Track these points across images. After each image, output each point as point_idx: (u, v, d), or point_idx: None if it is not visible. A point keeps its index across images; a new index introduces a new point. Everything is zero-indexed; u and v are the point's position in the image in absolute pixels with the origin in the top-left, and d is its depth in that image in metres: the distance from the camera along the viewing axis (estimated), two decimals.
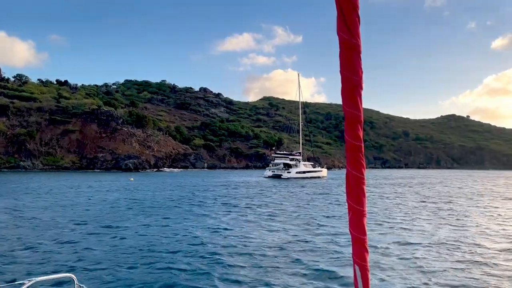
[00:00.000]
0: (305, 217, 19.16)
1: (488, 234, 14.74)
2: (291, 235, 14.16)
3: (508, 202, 28.36)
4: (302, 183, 49.90)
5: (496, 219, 19.17)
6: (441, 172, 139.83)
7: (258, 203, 25.44)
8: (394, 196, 32.88)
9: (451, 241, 13.05)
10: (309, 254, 11.21)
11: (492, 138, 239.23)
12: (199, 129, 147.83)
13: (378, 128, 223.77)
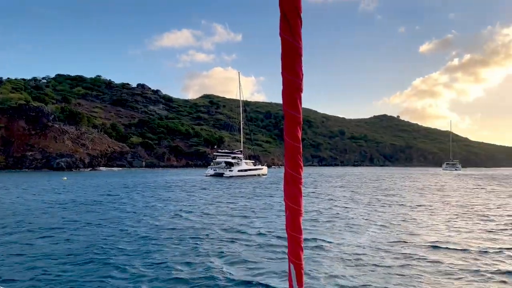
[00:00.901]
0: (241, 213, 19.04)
1: (428, 229, 15.46)
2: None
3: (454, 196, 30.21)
4: (244, 181, 49.96)
5: (434, 214, 20.24)
6: (374, 169, 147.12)
7: (204, 201, 24.93)
8: (329, 193, 33.83)
9: (386, 237, 13.50)
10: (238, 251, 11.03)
11: (419, 137, 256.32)
12: (136, 126, 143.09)
13: (315, 127, 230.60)
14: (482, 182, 54.45)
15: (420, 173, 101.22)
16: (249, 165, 69.55)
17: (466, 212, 20.42)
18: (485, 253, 11.10)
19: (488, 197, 30.01)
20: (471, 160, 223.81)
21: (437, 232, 14.30)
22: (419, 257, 10.44)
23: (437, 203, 25.33)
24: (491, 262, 10.09)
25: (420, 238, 13.15)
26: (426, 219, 17.73)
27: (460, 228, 15.24)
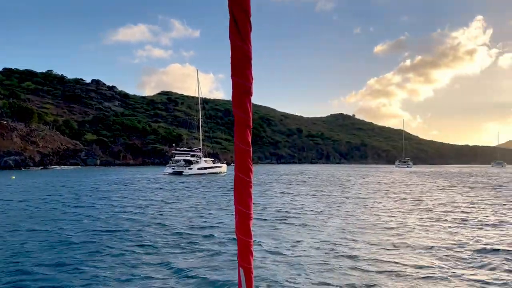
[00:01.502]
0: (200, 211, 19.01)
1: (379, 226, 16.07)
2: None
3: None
4: (203, 179, 49.68)
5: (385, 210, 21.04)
6: (330, 166, 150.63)
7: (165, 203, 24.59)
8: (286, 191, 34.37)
9: (340, 237, 13.89)
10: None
11: (374, 135, 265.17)
12: (91, 123, 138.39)
13: (274, 125, 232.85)
14: (440, 181, 57.07)
15: (374, 170, 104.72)
16: (208, 163, 69.20)
17: (417, 208, 21.42)
18: (440, 253, 11.69)
19: (444, 194, 31.57)
20: (421, 158, 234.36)
21: (391, 231, 14.87)
22: (378, 257, 10.83)
23: (390, 199, 26.38)
24: (442, 264, 10.65)
25: (375, 237, 13.62)
26: (381, 217, 18.40)
27: (412, 225, 15.96)
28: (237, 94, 1.26)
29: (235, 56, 1.23)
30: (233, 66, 1.24)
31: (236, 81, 1.25)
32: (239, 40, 1.22)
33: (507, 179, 55.73)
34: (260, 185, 39.65)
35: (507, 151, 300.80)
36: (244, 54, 1.23)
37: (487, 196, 29.45)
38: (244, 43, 1.23)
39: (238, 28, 1.21)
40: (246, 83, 1.25)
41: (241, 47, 1.22)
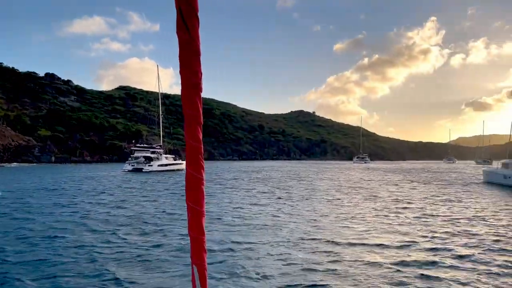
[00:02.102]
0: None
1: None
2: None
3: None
4: (164, 176, 48.90)
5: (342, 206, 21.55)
6: (290, 163, 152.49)
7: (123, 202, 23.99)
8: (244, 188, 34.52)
9: (299, 234, 14.09)
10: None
11: (333, 132, 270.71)
12: (45, 119, 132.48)
13: (236, 121, 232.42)
14: (398, 177, 58.89)
15: (332, 166, 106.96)
16: (169, 160, 68.26)
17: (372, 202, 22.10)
18: (393, 247, 12.10)
19: (405, 190, 32.69)
20: (379, 154, 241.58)
21: (350, 227, 15.25)
22: (338, 253, 11.05)
23: (346, 195, 27.06)
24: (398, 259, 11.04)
25: (334, 233, 13.92)
26: (339, 213, 18.83)
27: (367, 220, 16.44)
28: (186, 90, 1.24)
29: (183, 51, 1.21)
30: (181, 61, 1.22)
31: (185, 77, 1.23)
32: (186, 35, 1.20)
33: (456, 174, 58.50)
34: (213, 181, 39.54)
35: (458, 148, 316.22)
36: (192, 49, 1.21)
37: (438, 191, 30.83)
38: (191, 38, 1.21)
39: (185, 23, 1.20)
40: (195, 79, 1.23)
41: (189, 42, 1.21)
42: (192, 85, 1.23)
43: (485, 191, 30.09)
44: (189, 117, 1.25)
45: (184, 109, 1.25)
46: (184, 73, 1.23)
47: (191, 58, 1.22)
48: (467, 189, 31.85)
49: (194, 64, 1.22)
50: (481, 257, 10.23)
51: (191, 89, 1.24)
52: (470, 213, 18.29)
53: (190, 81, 1.23)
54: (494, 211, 18.83)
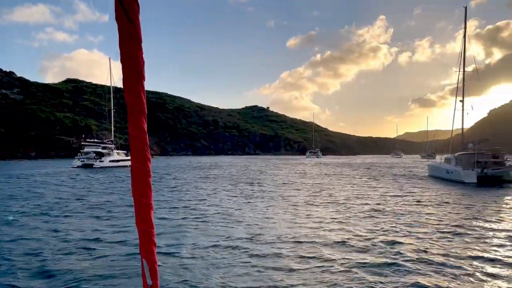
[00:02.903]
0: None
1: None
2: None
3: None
4: (116, 172, 47.59)
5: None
6: (245, 158, 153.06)
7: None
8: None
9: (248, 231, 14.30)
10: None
11: (287, 127, 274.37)
12: None
13: (190, 116, 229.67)
14: (349, 171, 60.54)
15: (285, 161, 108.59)
16: (121, 155, 66.46)
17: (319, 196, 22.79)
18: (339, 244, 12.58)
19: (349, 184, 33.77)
20: (330, 148, 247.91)
21: (298, 225, 15.64)
22: (281, 252, 11.31)
23: (298, 191, 27.69)
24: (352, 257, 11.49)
25: (282, 231, 14.22)
26: (290, 209, 19.24)
27: (320, 217, 16.94)
28: (128, 78, 1.20)
29: (124, 38, 1.18)
30: (121, 49, 1.19)
31: (126, 65, 1.20)
32: (126, 21, 1.17)
33: (403, 169, 61.37)
34: (163, 177, 39.10)
35: (405, 142, 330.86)
36: (133, 35, 1.18)
37: (386, 185, 32.25)
38: (132, 24, 1.17)
39: (125, 8, 1.16)
40: (137, 67, 1.20)
41: (129, 28, 1.17)
42: (134, 73, 1.19)
43: (431, 185, 31.80)
44: (132, 106, 1.22)
45: (127, 98, 1.22)
46: (125, 61, 1.19)
47: (132, 45, 1.18)
48: (414, 183, 33.52)
49: (135, 52, 1.19)
50: (428, 249, 10.91)
51: (133, 77, 1.20)
52: (423, 208, 19.34)
53: (132, 69, 1.19)
54: (439, 204, 20.05)
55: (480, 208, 17.85)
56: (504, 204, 19.40)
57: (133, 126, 1.23)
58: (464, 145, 38.11)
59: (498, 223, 14.29)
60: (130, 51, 1.19)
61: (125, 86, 1.21)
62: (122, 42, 1.19)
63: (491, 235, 12.14)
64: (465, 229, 13.02)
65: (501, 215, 16.12)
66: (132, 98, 1.21)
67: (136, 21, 1.18)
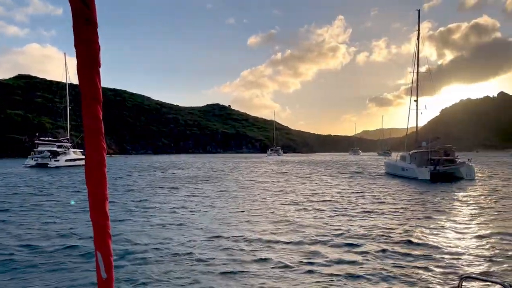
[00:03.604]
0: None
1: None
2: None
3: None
4: (73, 171, 45.98)
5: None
6: (207, 156, 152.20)
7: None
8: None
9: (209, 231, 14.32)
10: None
11: (248, 125, 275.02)
12: None
13: (150, 114, 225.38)
14: (309, 169, 61.37)
15: (247, 159, 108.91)
16: (77, 154, 64.30)
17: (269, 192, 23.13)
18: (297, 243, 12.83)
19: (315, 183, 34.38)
20: (291, 147, 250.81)
21: (255, 224, 15.81)
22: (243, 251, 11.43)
23: (260, 189, 27.95)
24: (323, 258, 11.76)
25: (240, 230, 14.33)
26: (250, 209, 19.41)
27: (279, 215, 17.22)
28: (82, 64, 1.16)
29: (77, 21, 1.12)
30: (75, 33, 1.13)
31: (80, 50, 1.14)
32: (79, 4, 1.10)
33: (361, 167, 63.16)
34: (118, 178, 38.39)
35: (362, 140, 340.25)
36: (88, 18, 1.12)
37: (346, 182, 33.12)
38: (86, 6, 1.11)
39: None
40: (91, 52, 1.15)
41: (82, 10, 1.11)
42: (89, 58, 1.15)
43: (387, 182, 32.95)
44: (86, 93, 1.17)
45: (81, 85, 1.16)
46: (79, 47, 1.14)
47: (86, 29, 1.12)
48: (371, 181, 34.61)
49: (90, 36, 1.13)
50: (386, 242, 11.37)
51: (87, 63, 1.15)
52: (380, 205, 20.02)
53: (86, 54, 1.14)
54: (395, 200, 20.88)
55: (431, 204, 18.77)
56: (453, 199, 20.48)
57: (88, 114, 1.18)
58: (418, 143, 39.74)
59: (448, 216, 15.09)
60: (84, 35, 1.13)
61: (80, 73, 1.16)
62: (76, 26, 1.13)
63: (441, 227, 12.82)
64: (417, 223, 13.66)
65: (451, 209, 17.03)
66: (87, 85, 1.16)
67: (92, 3, 1.12)
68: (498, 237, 11.41)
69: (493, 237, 11.51)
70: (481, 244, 10.62)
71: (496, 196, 21.86)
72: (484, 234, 11.92)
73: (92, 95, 1.18)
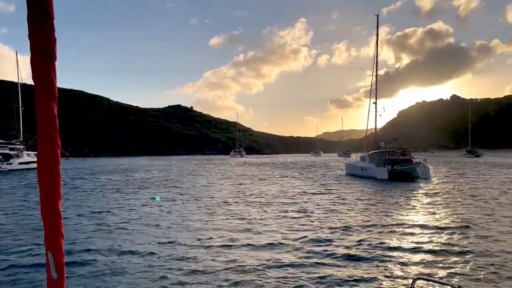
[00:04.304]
0: None
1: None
2: None
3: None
4: (27, 175, 43.96)
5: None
6: (170, 158, 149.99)
7: None
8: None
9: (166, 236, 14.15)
10: None
11: (211, 127, 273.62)
12: None
13: (109, 115, 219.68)
14: (272, 171, 61.73)
15: (209, 162, 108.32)
16: (32, 157, 61.54)
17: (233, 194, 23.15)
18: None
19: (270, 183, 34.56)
20: (254, 148, 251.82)
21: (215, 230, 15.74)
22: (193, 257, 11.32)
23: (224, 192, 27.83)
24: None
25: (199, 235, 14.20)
26: (212, 212, 19.29)
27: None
28: (36, 57, 1.11)
29: (32, 12, 1.07)
30: (30, 24, 1.08)
31: (35, 42, 1.10)
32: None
33: (323, 168, 64.26)
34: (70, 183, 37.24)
35: (324, 142, 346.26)
36: (43, 9, 1.07)
37: (309, 183, 33.57)
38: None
39: None
40: (47, 44, 1.10)
41: (39, 1, 1.07)
42: (44, 51, 1.10)
43: (347, 182, 33.66)
44: (41, 88, 1.12)
45: (35, 79, 1.11)
46: (34, 38, 1.09)
47: (41, 19, 1.07)
48: (332, 181, 35.26)
49: (45, 27, 1.08)
50: (347, 240, 11.58)
51: (42, 56, 1.10)
52: (340, 205, 20.38)
53: (41, 46, 1.09)
54: (355, 199, 21.35)
55: (387, 203, 19.34)
56: (410, 198, 21.20)
57: (42, 109, 1.13)
58: (377, 144, 40.92)
59: (404, 215, 15.59)
60: (39, 26, 1.08)
61: (34, 65, 1.11)
62: (31, 16, 1.08)
63: (397, 226, 13.21)
64: (375, 221, 14.02)
65: (408, 207, 17.62)
66: (41, 79, 1.11)
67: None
68: (452, 235, 11.84)
69: (447, 235, 11.93)
70: (436, 243, 10.97)
71: (449, 193, 22.83)
72: (439, 232, 12.33)
73: (47, 90, 1.13)
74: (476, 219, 14.35)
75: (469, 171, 45.22)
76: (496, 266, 8.69)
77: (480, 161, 79.75)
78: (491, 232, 12.13)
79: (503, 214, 15.44)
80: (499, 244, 10.62)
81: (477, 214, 15.36)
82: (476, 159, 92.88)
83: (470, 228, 12.73)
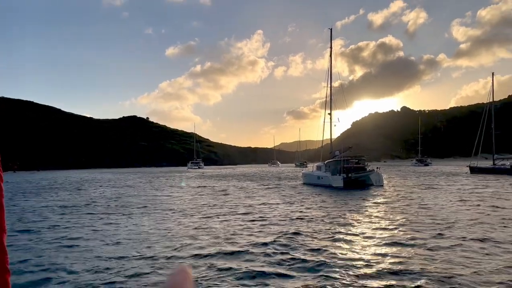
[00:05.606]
0: None
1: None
2: None
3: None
4: None
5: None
6: (124, 170, 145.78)
7: None
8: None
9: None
10: None
11: (167, 138, 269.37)
12: None
13: (60, 127, 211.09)
14: (232, 182, 61.27)
15: (164, 174, 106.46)
16: None
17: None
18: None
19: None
20: (212, 159, 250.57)
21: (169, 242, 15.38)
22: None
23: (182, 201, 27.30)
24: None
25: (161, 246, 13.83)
26: (165, 227, 18.85)
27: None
28: None
29: None
30: None
31: None
32: None
33: (280, 179, 64.66)
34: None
35: (281, 152, 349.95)
36: None
37: (267, 194, 33.60)
38: None
39: None
40: None
41: None
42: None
43: (304, 191, 33.96)
44: None
45: None
46: None
47: None
48: (289, 191, 35.45)
49: None
50: (302, 246, 11.53)
51: None
52: (297, 212, 20.41)
53: None
54: (310, 206, 21.50)
55: (342, 210, 19.63)
56: (364, 205, 21.65)
57: None
58: (332, 153, 41.74)
59: (358, 221, 15.83)
60: None
61: None
62: None
63: (351, 234, 13.36)
64: (331, 226, 14.12)
65: (362, 214, 17.94)
66: None
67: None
68: (406, 243, 11.91)
69: (401, 242, 12.09)
70: (389, 251, 10.91)
71: (402, 200, 23.53)
72: (393, 240, 12.44)
73: None
74: (423, 224, 14.80)
75: (418, 179, 47.07)
76: (443, 274, 8.90)
77: (429, 169, 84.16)
78: (437, 239, 12.51)
79: (448, 219, 16.05)
80: (443, 253, 10.94)
81: (425, 219, 15.86)
82: (425, 168, 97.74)
83: (419, 234, 13.07)
